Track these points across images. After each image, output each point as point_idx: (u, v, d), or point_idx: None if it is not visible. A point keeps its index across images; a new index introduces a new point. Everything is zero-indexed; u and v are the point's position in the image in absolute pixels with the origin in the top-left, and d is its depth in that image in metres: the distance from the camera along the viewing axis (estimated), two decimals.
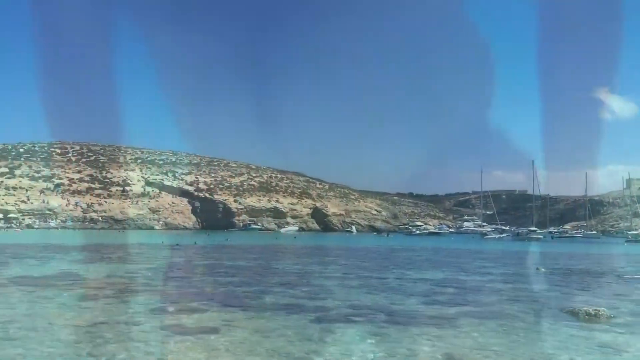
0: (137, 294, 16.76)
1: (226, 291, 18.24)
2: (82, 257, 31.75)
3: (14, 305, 14.37)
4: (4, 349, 9.68)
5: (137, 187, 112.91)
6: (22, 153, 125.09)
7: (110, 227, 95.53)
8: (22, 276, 21.30)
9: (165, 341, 10.65)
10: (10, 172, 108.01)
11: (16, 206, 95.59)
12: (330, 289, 19.49)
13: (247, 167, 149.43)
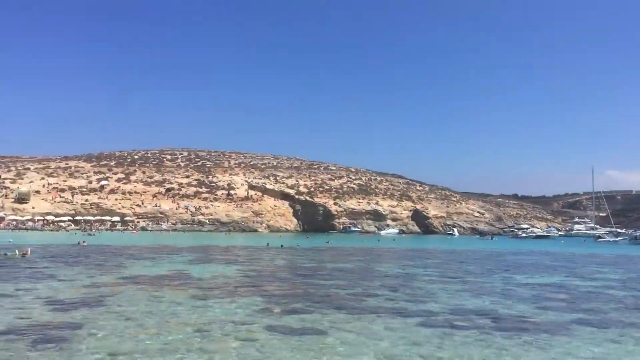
0: (244, 294, 17.28)
1: (330, 293, 18.40)
2: (192, 258, 33.23)
3: (133, 303, 15.27)
4: (124, 343, 10.31)
5: (241, 190, 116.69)
6: (136, 160, 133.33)
7: (217, 230, 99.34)
8: (139, 275, 22.64)
9: (272, 341, 10.88)
10: (126, 177, 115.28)
11: (132, 209, 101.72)
12: (433, 292, 19.14)
13: (347, 170, 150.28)
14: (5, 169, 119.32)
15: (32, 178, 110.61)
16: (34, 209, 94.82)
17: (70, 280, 20.35)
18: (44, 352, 9.35)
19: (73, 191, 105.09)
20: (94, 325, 11.86)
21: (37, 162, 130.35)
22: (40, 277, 21.47)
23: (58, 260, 30.16)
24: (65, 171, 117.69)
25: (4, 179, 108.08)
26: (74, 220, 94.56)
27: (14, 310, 13.50)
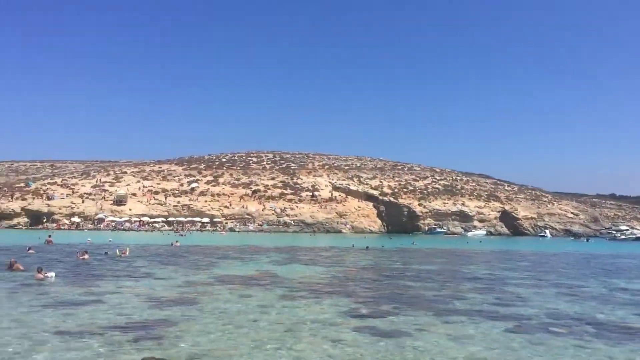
0: (331, 295, 17.38)
1: (417, 295, 18.16)
2: (279, 259, 33.83)
3: (225, 302, 15.73)
4: (218, 341, 10.62)
5: (325, 192, 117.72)
6: (224, 163, 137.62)
7: (302, 230, 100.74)
8: (229, 275, 23.31)
9: (360, 343, 10.86)
10: (215, 180, 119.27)
11: (220, 211, 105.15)
12: (524, 295, 18.44)
13: (431, 170, 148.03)
14: (105, 173, 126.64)
15: (128, 181, 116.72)
16: (130, 211, 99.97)
17: (166, 279, 21.27)
18: (144, 348, 9.79)
19: (166, 193, 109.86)
20: (189, 322, 12.32)
21: (133, 166, 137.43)
22: (137, 275, 22.58)
23: (154, 259, 31.60)
24: (159, 174, 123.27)
25: (103, 183, 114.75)
26: (167, 221, 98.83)
27: (115, 307, 14.24)
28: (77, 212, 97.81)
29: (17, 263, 24.03)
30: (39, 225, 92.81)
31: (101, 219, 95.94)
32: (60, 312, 13.24)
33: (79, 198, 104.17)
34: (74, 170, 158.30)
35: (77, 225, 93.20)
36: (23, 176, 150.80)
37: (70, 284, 18.97)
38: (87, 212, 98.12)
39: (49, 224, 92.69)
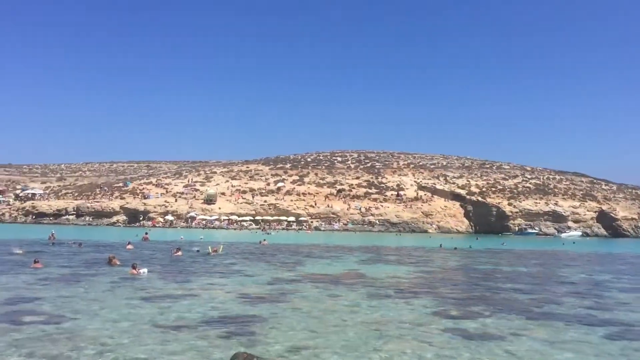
0: (419, 295, 17.15)
1: (508, 297, 17.57)
2: (365, 258, 33.80)
3: (312, 299, 15.90)
4: (306, 338, 10.74)
5: (410, 191, 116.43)
6: (309, 162, 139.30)
7: (387, 230, 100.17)
8: (316, 273, 23.56)
9: (449, 345, 10.64)
10: (300, 179, 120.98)
11: (306, 210, 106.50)
12: (627, 301, 17.39)
13: (522, 169, 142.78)
14: (196, 173, 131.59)
15: (218, 181, 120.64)
16: (220, 209, 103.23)
17: (255, 276, 21.79)
18: (236, 343, 10.07)
19: (253, 193, 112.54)
20: (278, 319, 12.55)
21: (222, 166, 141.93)
22: (228, 272, 23.28)
23: (243, 257, 32.48)
24: (246, 174, 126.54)
25: (194, 182, 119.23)
26: (254, 220, 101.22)
27: (207, 302, 14.75)
28: (170, 211, 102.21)
29: (115, 258, 25.49)
30: (136, 223, 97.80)
31: (193, 217, 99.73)
32: (157, 306, 13.87)
33: (172, 197, 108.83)
34: (167, 170, 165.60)
35: (171, 223, 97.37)
36: (121, 176, 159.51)
37: (165, 280, 19.85)
38: (180, 211, 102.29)
39: (145, 222, 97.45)
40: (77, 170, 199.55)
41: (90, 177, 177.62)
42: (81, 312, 12.88)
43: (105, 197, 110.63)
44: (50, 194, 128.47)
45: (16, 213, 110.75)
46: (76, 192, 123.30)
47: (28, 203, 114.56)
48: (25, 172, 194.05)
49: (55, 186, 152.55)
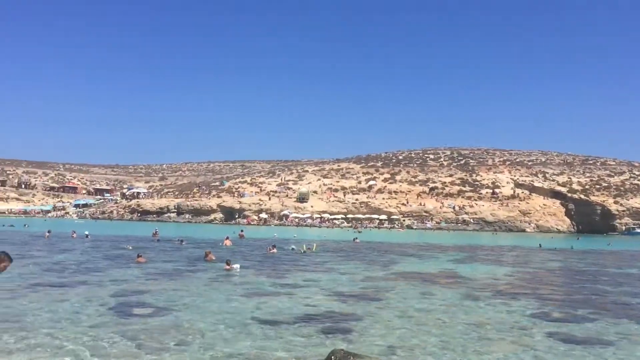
0: (518, 297, 16.53)
1: (616, 300, 16.56)
2: (459, 257, 33.05)
3: (406, 298, 15.74)
4: (402, 337, 10.63)
5: (506, 189, 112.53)
6: (401, 160, 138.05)
7: (482, 229, 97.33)
8: (410, 272, 23.32)
9: (552, 349, 10.16)
10: (392, 177, 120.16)
11: (397, 208, 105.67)
12: None
13: (629, 165, 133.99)
14: (289, 172, 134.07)
15: (310, 179, 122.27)
16: (312, 208, 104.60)
17: (349, 274, 21.89)
18: (332, 340, 10.15)
19: (345, 191, 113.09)
20: (373, 317, 12.53)
21: (314, 165, 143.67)
22: (322, 269, 23.54)
23: (336, 254, 32.73)
24: (338, 173, 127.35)
25: (287, 181, 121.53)
26: (346, 218, 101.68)
27: (303, 299, 14.98)
28: (264, 209, 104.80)
29: (211, 254, 26.52)
30: (231, 220, 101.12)
31: (286, 215, 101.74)
32: (255, 302, 14.25)
33: (266, 196, 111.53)
34: (261, 169, 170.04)
35: (265, 220, 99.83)
36: (218, 175, 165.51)
37: (262, 276, 20.36)
38: (273, 209, 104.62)
39: (240, 220, 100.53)
40: (177, 170, 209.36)
41: (189, 176, 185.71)
42: (184, 305, 13.46)
43: (203, 196, 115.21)
44: (153, 192, 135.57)
45: (123, 211, 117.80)
46: (177, 191, 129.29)
47: (133, 201, 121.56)
48: (131, 172, 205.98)
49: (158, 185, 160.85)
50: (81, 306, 12.92)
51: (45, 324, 10.83)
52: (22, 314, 11.72)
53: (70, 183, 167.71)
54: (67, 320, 11.20)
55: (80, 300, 13.66)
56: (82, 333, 10.11)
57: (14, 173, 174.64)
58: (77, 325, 10.85)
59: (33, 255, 26.77)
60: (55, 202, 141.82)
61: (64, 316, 11.60)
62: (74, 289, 15.62)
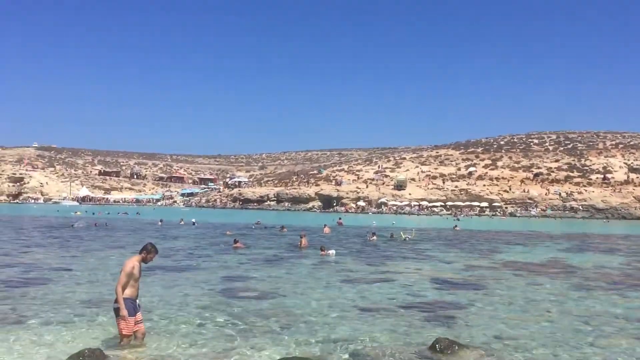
0: (634, 289, 15.48)
1: None
2: (568, 246, 31.43)
3: (511, 288, 15.17)
4: (508, 327, 10.25)
5: (619, 174, 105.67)
6: (502, 145, 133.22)
7: (591, 217, 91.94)
8: (514, 261, 22.48)
9: None
10: (493, 163, 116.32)
11: (499, 195, 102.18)
12: None
13: None
14: (385, 159, 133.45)
15: (407, 167, 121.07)
16: (410, 195, 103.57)
17: (450, 262, 21.47)
18: (435, 328, 9.99)
19: (444, 178, 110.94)
20: (477, 306, 12.19)
21: (412, 152, 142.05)
22: (422, 257, 23.25)
23: (435, 242, 32.21)
24: (436, 159, 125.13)
25: (384, 169, 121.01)
26: (445, 205, 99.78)
27: (403, 287, 14.87)
28: (362, 197, 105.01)
29: (304, 238, 27.07)
30: (329, 208, 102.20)
31: (384, 203, 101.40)
32: (356, 289, 14.31)
33: (363, 183, 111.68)
34: (358, 157, 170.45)
35: (362, 208, 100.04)
36: (316, 164, 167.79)
37: (362, 263, 20.44)
38: (371, 197, 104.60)
39: (338, 208, 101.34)
40: (276, 159, 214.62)
41: (287, 165, 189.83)
42: (287, 291, 13.77)
43: (302, 184, 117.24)
44: (253, 181, 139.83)
45: (226, 199, 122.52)
46: (276, 180, 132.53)
47: (235, 190, 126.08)
48: (232, 162, 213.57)
49: (258, 174, 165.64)
50: (191, 289, 13.56)
51: (159, 305, 11.44)
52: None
53: (177, 173, 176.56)
54: (178, 303, 11.79)
55: (190, 284, 14.34)
56: (194, 315, 10.60)
57: (126, 164, 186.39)
58: (188, 307, 11.40)
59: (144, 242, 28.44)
60: (164, 191, 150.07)
61: (176, 299, 12.23)
62: (184, 273, 16.44)
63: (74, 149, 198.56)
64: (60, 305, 11.34)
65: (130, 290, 8.13)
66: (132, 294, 8.19)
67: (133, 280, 8.15)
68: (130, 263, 8.20)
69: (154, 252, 8.50)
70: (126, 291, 8.09)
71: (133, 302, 8.19)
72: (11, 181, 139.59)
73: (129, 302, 8.10)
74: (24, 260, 19.25)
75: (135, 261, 8.24)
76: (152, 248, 8.48)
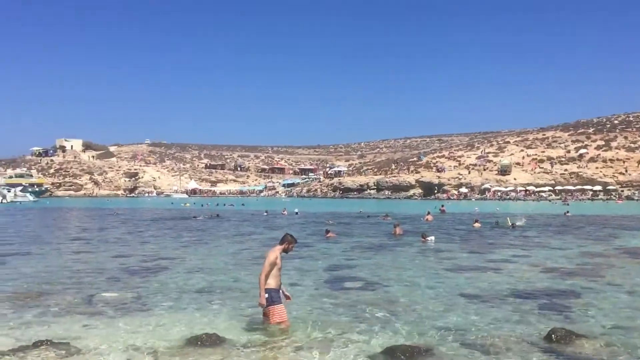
0: None
1: None
2: None
3: (633, 276, 14.25)
4: (629, 317, 9.66)
5: None
6: (616, 125, 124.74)
7: None
8: (633, 247, 21.14)
9: None
10: (607, 144, 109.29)
11: (614, 178, 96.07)
12: None
13: None
14: (488, 144, 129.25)
15: (512, 151, 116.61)
16: (515, 180, 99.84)
17: (561, 249, 20.50)
18: (549, 318, 9.57)
19: (551, 161, 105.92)
20: (594, 295, 11.54)
21: (516, 135, 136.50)
22: (531, 245, 22.34)
23: (544, 229, 30.85)
24: (543, 142, 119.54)
25: (487, 153, 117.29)
26: (554, 190, 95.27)
27: (512, 275, 14.37)
28: (464, 183, 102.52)
29: (397, 227, 26.83)
30: (430, 195, 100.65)
31: (487, 188, 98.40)
32: (463, 277, 14.02)
33: (465, 169, 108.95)
34: (459, 142, 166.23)
35: (465, 195, 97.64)
36: (415, 151, 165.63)
37: (467, 251, 20.00)
38: (473, 183, 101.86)
39: (440, 195, 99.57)
40: (375, 148, 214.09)
41: (386, 153, 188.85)
42: (391, 279, 13.74)
43: (401, 172, 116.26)
44: (353, 170, 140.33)
45: (326, 189, 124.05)
46: (375, 168, 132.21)
47: (335, 179, 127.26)
48: (331, 151, 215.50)
49: (357, 163, 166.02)
50: (298, 278, 13.87)
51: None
52: (241, 285, 12.93)
53: (278, 164, 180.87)
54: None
55: (296, 273, 14.67)
56: (304, 303, 10.83)
57: (230, 157, 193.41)
58: (296, 296, 11.67)
59: (253, 232, 29.49)
60: (266, 182, 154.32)
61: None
62: (290, 263, 16.84)
63: (182, 144, 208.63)
64: (177, 293, 12.00)
65: (273, 280, 8.51)
66: (276, 283, 8.55)
67: (276, 270, 8.52)
68: (274, 253, 8.56)
69: (294, 242, 8.82)
70: (270, 281, 8.46)
71: (277, 291, 8.55)
72: (127, 176, 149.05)
73: (273, 292, 8.48)
74: (143, 252, 20.52)
75: (277, 251, 8.60)
76: (292, 239, 8.81)
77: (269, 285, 8.43)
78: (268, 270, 8.41)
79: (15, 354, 7.47)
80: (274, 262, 8.46)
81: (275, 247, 8.74)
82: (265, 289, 8.44)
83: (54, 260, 17.75)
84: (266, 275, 8.41)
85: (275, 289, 8.53)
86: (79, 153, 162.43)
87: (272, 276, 8.48)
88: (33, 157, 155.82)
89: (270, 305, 8.48)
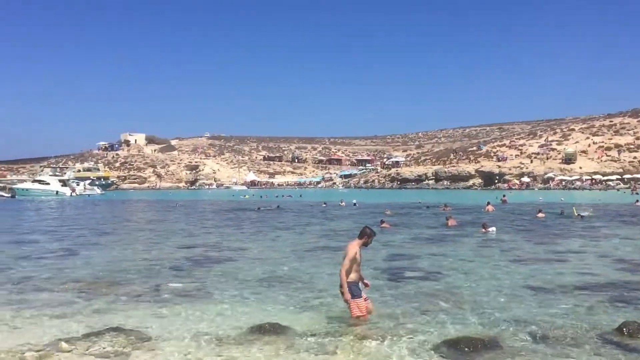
0: None
1: None
2: None
3: None
4: None
5: None
6: None
7: None
8: None
9: None
10: None
11: None
12: None
13: None
14: (551, 131, 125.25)
15: (577, 138, 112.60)
16: (580, 169, 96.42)
17: (632, 240, 19.72)
18: (620, 311, 9.22)
19: (619, 149, 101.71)
20: None
21: (581, 122, 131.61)
22: (598, 235, 21.58)
23: (613, 219, 29.73)
24: (610, 129, 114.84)
25: (550, 142, 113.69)
26: (622, 179, 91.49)
27: (579, 267, 13.92)
28: (526, 172, 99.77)
29: (450, 219, 26.39)
30: (491, 185, 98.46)
31: (550, 178, 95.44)
32: (526, 268, 13.67)
33: (527, 158, 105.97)
34: (520, 131, 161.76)
35: (527, 184, 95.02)
36: (475, 140, 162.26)
37: (531, 242, 19.50)
38: (536, 172, 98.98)
39: (500, 184, 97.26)
40: (433, 137, 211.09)
41: (445, 142, 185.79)
42: (452, 270, 13.55)
43: (460, 162, 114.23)
44: (410, 160, 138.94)
45: (383, 179, 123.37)
46: (433, 158, 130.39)
47: (392, 170, 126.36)
48: (389, 142, 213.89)
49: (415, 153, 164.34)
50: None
51: (328, 284, 11.80)
52: (301, 275, 13.08)
53: (335, 155, 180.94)
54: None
55: None
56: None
57: (288, 149, 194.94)
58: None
59: (312, 223, 29.71)
60: (324, 173, 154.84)
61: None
62: None
63: (240, 137, 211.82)
64: (239, 282, 12.25)
65: (354, 274, 8.58)
66: (356, 277, 8.64)
67: (356, 265, 8.58)
68: (353, 248, 8.60)
69: (373, 236, 8.84)
70: (350, 275, 8.54)
71: (356, 285, 8.63)
72: (188, 169, 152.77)
73: (353, 285, 8.56)
74: (206, 242, 21.01)
75: (357, 246, 8.65)
76: (371, 232, 8.82)
77: (349, 279, 8.47)
78: (348, 266, 8.43)
79: (89, 339, 7.83)
80: (354, 258, 8.46)
81: (354, 241, 8.73)
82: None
83: (122, 250, 18.44)
84: (347, 271, 8.43)
85: (354, 282, 8.56)
86: (142, 147, 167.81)
87: (353, 271, 8.51)
88: (100, 152, 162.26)
89: (352, 298, 8.51)
